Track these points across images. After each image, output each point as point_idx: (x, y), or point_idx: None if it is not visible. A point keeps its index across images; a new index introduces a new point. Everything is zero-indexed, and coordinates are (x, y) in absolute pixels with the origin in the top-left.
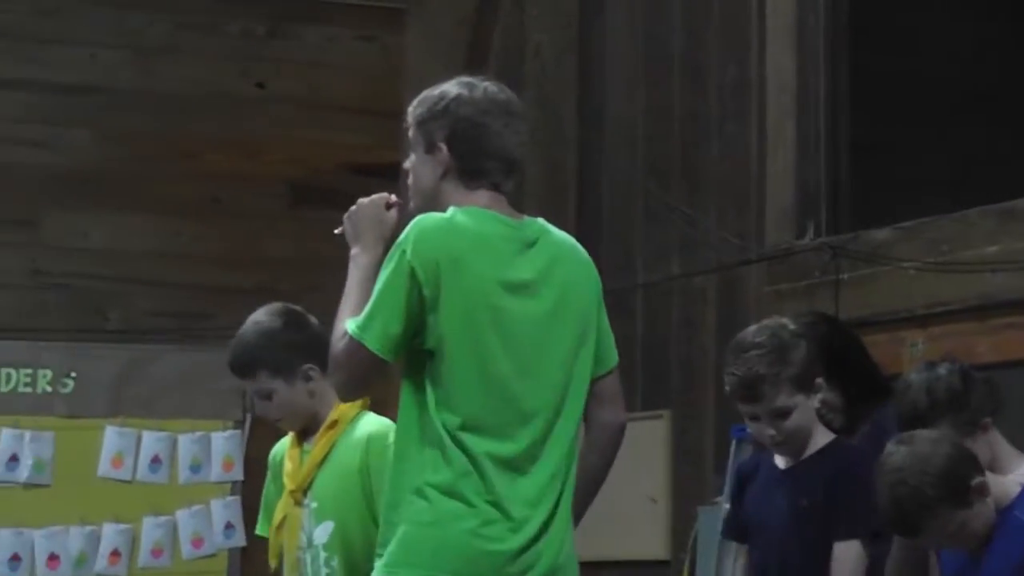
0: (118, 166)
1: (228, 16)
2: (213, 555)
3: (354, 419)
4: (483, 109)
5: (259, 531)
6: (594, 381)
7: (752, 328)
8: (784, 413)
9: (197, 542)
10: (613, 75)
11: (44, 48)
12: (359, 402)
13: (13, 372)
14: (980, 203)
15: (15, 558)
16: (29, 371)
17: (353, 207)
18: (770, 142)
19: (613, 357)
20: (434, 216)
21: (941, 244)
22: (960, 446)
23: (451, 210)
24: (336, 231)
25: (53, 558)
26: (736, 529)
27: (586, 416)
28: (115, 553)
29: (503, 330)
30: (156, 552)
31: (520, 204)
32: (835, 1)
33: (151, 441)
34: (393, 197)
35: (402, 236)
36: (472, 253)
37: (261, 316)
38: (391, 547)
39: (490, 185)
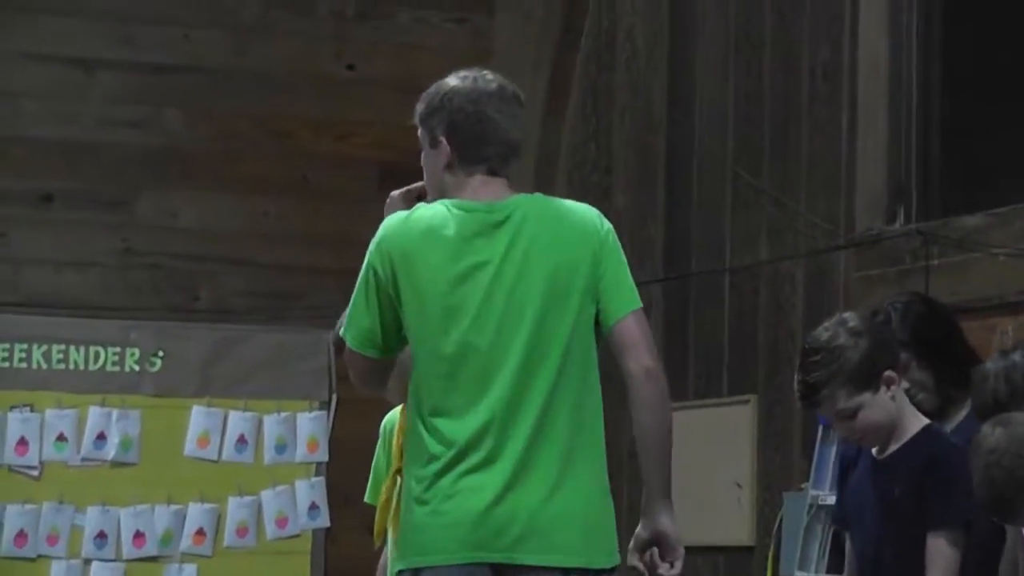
0: (209, 146)
1: None
2: (297, 535)
3: None
4: (474, 98)
5: (368, 499)
6: (610, 334)
7: (818, 329)
8: (850, 414)
9: (281, 522)
10: (704, 58)
11: (138, 28)
12: None
13: (101, 350)
14: None
15: (101, 535)
16: (117, 350)
17: (388, 199)
18: (861, 126)
19: (624, 305)
20: (396, 215)
21: None
22: None
23: (417, 206)
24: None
25: (139, 536)
26: (841, 517)
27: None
28: (200, 532)
29: (456, 316)
30: (241, 532)
31: (609, 187)
32: None
33: (237, 421)
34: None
35: None
36: (423, 247)
37: None
38: (402, 541)
39: (487, 170)
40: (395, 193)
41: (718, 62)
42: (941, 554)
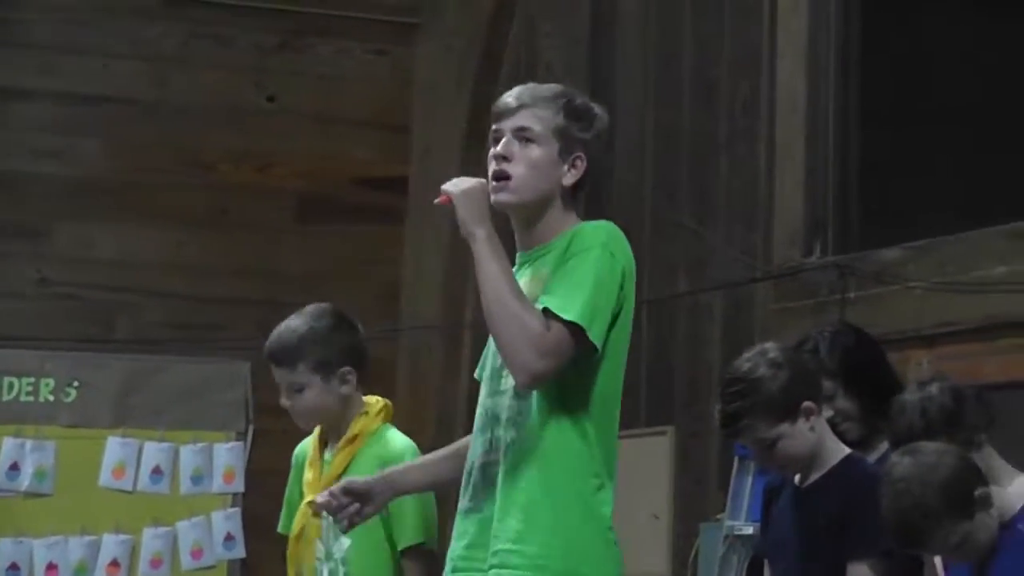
0: (128, 177)
1: (240, 28)
2: (212, 566)
3: (375, 433)
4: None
5: (280, 529)
6: None
7: (739, 359)
8: (768, 444)
9: (197, 553)
10: (623, 92)
11: (58, 58)
12: (381, 415)
13: (16, 381)
14: (989, 224)
15: (13, 567)
16: (32, 380)
17: (466, 185)
18: (779, 160)
19: None
20: (613, 225)
21: (948, 264)
22: (964, 457)
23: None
24: (436, 201)
25: (52, 567)
26: (763, 547)
27: None
28: (114, 563)
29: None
30: (155, 563)
31: None
32: (847, 21)
33: (153, 451)
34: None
35: (600, 236)
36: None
37: (311, 310)
38: (570, 557)
39: (579, 215)
40: (475, 182)
41: (637, 96)
42: None
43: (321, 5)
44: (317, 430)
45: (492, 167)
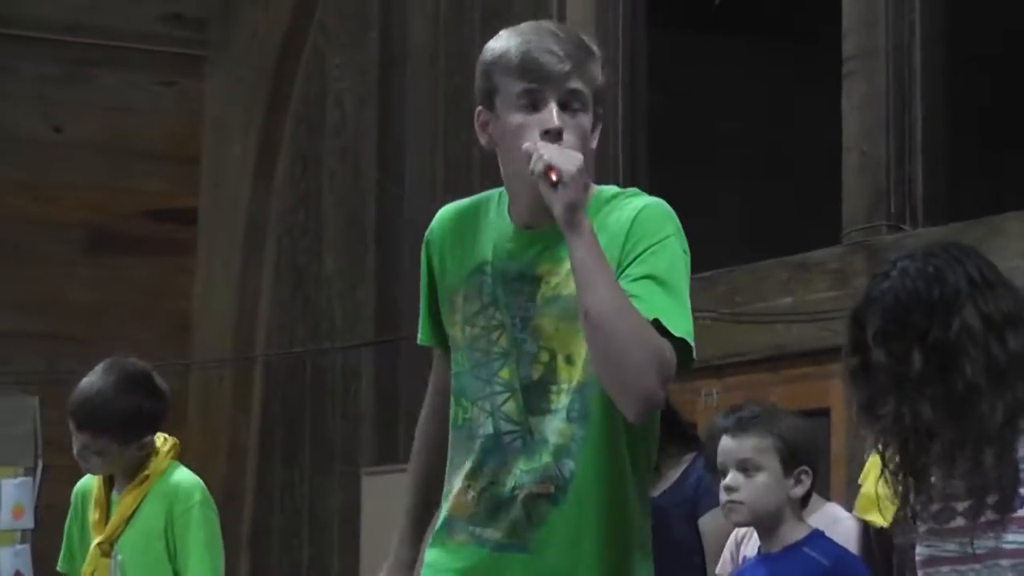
0: None
1: (25, 58)
2: None
3: (165, 471)
4: None
5: (60, 568)
6: None
7: None
8: None
9: None
10: (413, 124)
11: None
12: (171, 453)
13: None
14: (774, 255)
15: None
16: None
17: (577, 162)
18: None
19: None
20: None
21: (735, 295)
22: None
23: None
24: (536, 172)
25: None
26: None
27: None
28: None
29: None
30: None
31: (319, 251)
32: (634, 59)
33: None
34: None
35: (670, 218)
36: None
37: (120, 377)
38: None
39: None
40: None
41: (427, 128)
42: None
43: (106, 36)
44: None
45: (541, 139)
